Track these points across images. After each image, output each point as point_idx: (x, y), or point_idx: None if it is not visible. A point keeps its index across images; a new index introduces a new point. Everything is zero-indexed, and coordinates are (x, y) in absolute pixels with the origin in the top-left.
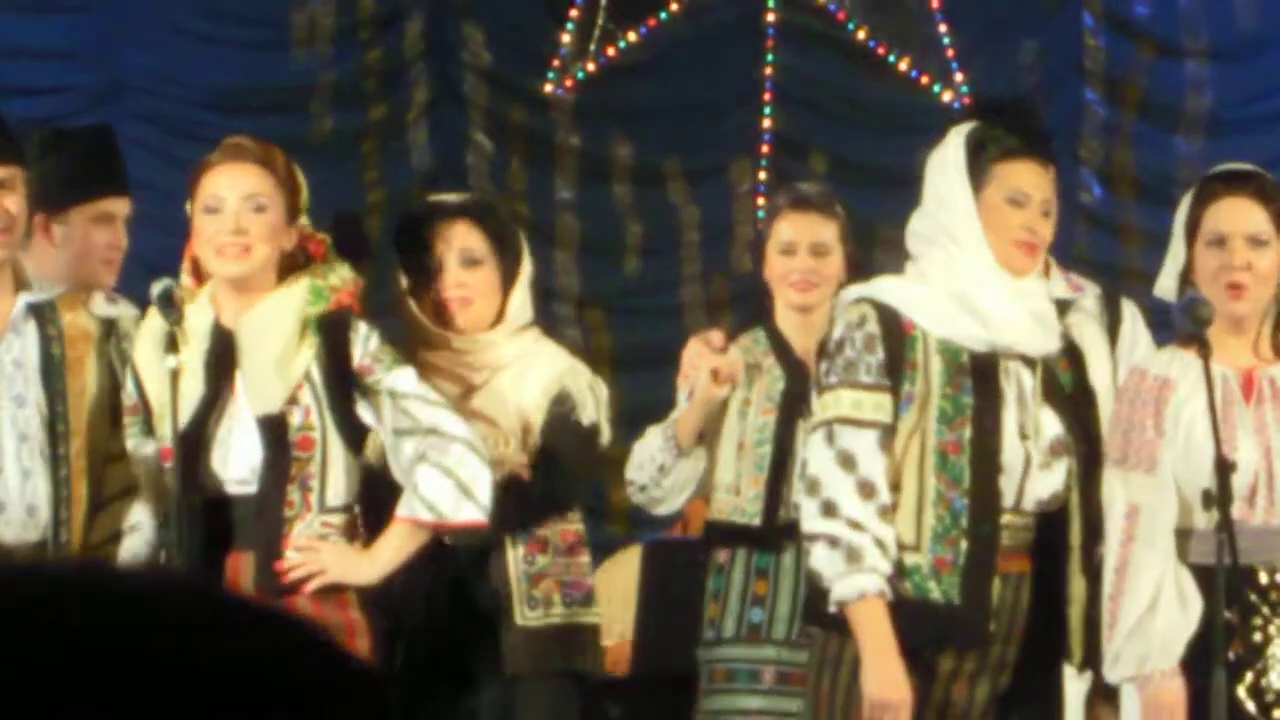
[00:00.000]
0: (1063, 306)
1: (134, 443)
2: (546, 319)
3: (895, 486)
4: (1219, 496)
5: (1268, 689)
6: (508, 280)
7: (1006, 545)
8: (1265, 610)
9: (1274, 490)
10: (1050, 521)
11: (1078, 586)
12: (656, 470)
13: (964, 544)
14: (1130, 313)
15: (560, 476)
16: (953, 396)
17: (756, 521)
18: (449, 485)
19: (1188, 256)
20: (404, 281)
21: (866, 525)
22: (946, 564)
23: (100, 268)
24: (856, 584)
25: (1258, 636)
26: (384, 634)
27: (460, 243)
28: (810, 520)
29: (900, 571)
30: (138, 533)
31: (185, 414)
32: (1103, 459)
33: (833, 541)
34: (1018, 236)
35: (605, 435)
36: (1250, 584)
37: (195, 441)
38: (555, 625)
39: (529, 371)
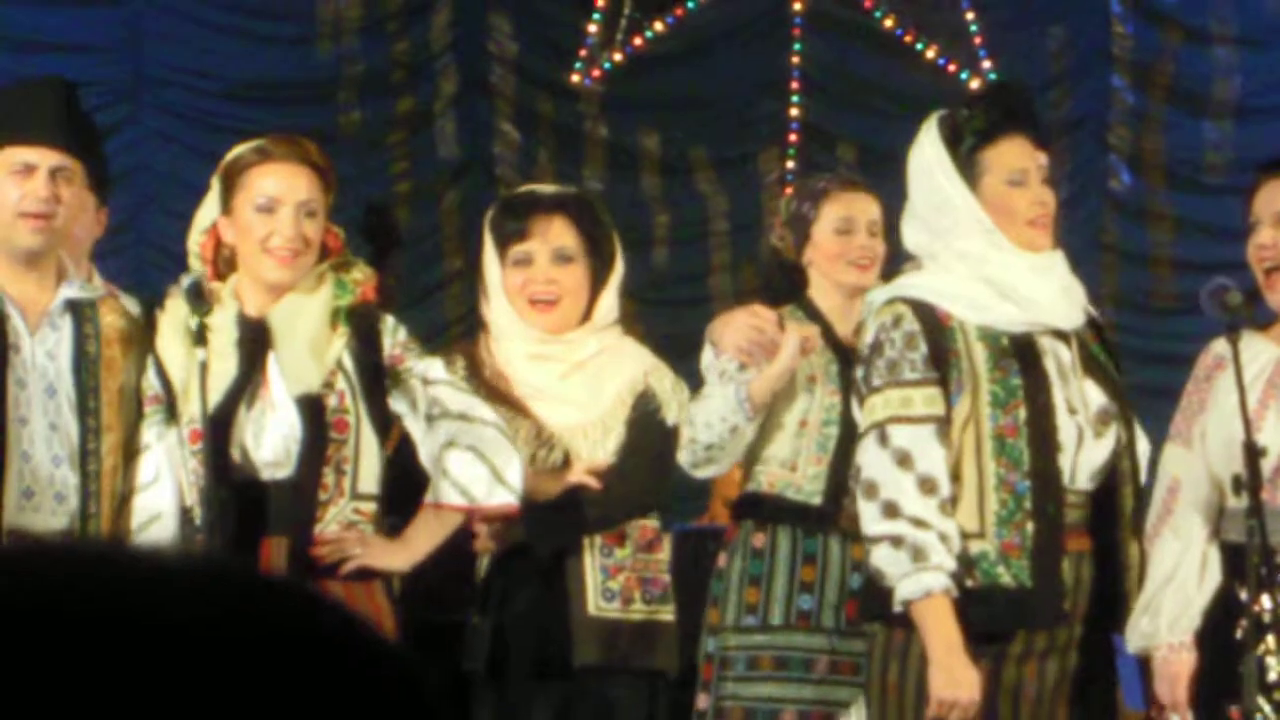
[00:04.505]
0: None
1: (156, 431)
2: None
3: (954, 477)
4: (1249, 482)
5: (1270, 668)
6: (599, 280)
7: (1068, 523)
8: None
9: None
10: (1101, 497)
11: (1133, 551)
12: (728, 431)
13: (1030, 526)
14: None
15: (643, 476)
16: (1001, 380)
17: (815, 501)
18: (482, 470)
19: None
20: (491, 270)
21: (930, 522)
22: (1014, 547)
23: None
24: (922, 583)
25: (1268, 617)
26: (470, 630)
27: (556, 240)
28: (872, 523)
29: (967, 560)
30: (159, 522)
31: (214, 399)
32: (1134, 425)
33: (896, 541)
34: (1028, 215)
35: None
36: (1269, 565)
37: (226, 426)
38: (635, 622)
39: (612, 368)
